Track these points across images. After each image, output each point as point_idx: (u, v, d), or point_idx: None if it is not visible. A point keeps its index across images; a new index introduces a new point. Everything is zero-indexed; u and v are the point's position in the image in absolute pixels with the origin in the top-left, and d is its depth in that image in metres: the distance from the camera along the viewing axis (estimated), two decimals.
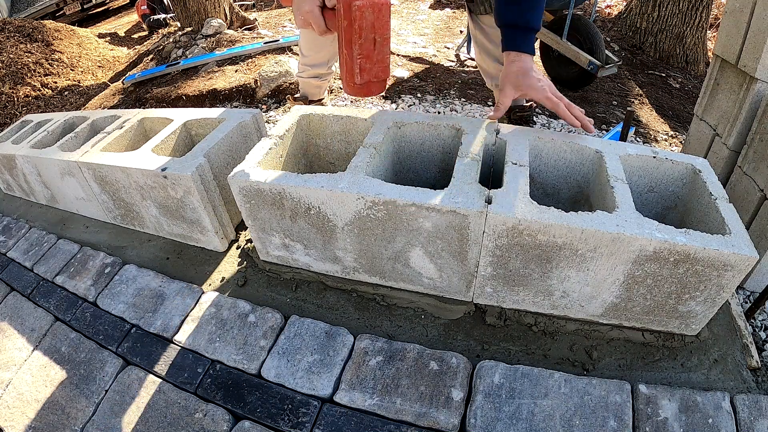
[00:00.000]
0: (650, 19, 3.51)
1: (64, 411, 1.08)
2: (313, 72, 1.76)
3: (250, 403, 1.00)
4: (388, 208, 0.98)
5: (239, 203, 1.15)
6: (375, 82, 1.06)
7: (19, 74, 3.99)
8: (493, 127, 1.18)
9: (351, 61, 1.00)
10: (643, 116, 2.66)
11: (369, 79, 1.04)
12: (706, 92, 1.61)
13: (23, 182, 1.79)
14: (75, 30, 4.92)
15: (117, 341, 1.18)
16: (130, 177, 1.32)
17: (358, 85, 1.03)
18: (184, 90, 2.97)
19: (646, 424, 0.87)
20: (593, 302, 1.01)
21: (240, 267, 1.34)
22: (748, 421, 0.88)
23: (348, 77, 1.04)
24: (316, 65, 1.73)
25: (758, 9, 1.29)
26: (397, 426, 0.92)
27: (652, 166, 1.10)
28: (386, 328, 1.13)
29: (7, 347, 1.26)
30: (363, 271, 1.17)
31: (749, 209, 1.33)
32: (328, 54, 1.70)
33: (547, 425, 0.88)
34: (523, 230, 0.91)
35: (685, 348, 1.03)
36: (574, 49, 2.51)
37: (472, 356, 1.05)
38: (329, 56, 1.72)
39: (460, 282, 1.08)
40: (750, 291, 1.39)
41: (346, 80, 1.06)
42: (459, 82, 2.80)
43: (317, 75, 1.76)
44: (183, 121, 1.50)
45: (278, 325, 1.12)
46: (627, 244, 0.87)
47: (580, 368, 1.02)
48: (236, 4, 4.35)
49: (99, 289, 1.33)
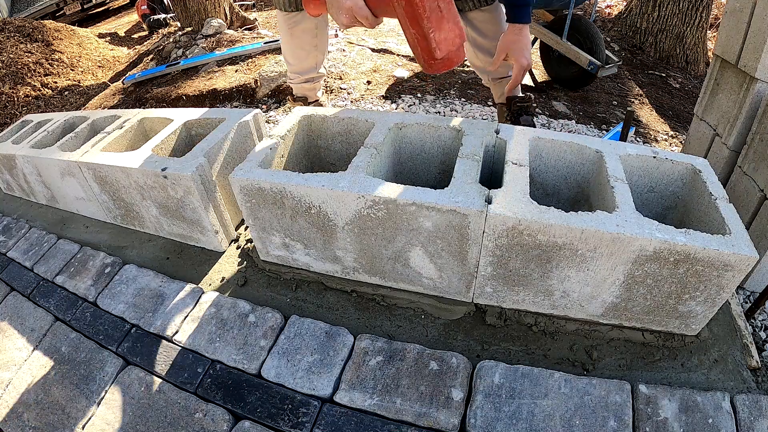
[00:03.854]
0: (650, 19, 3.51)
1: (64, 411, 1.08)
2: (302, 78, 1.74)
3: (250, 403, 1.00)
4: (388, 208, 0.98)
5: (240, 202, 1.15)
6: (454, 51, 1.00)
7: (19, 74, 3.99)
8: (493, 127, 1.18)
9: (424, 38, 0.94)
10: (643, 116, 2.66)
11: (449, 50, 0.98)
12: (706, 92, 1.61)
13: (23, 182, 1.79)
14: (75, 30, 4.92)
15: (117, 341, 1.18)
16: (130, 177, 1.32)
17: (440, 61, 0.98)
18: (184, 90, 2.96)
19: (646, 424, 0.87)
20: (593, 302, 1.01)
21: (240, 267, 1.34)
22: (748, 421, 0.88)
23: (426, 56, 0.98)
24: (304, 72, 1.72)
25: (758, 9, 1.29)
26: (397, 426, 0.92)
27: (652, 166, 1.10)
28: (386, 328, 1.13)
29: (7, 347, 1.26)
30: (363, 271, 1.17)
31: (749, 209, 1.33)
32: (314, 60, 1.69)
33: (547, 425, 0.88)
34: (523, 230, 0.91)
35: (685, 348, 1.03)
36: (575, 49, 2.51)
37: (472, 356, 1.05)
38: (315, 61, 1.70)
39: (460, 282, 1.08)
40: (750, 291, 1.39)
41: (426, 60, 0.99)
42: (459, 82, 2.80)
43: (308, 80, 1.75)
44: (183, 121, 1.50)
45: (278, 325, 1.12)
46: (627, 244, 0.87)
47: (580, 368, 1.02)
48: (236, 4, 4.35)
49: (99, 289, 1.33)
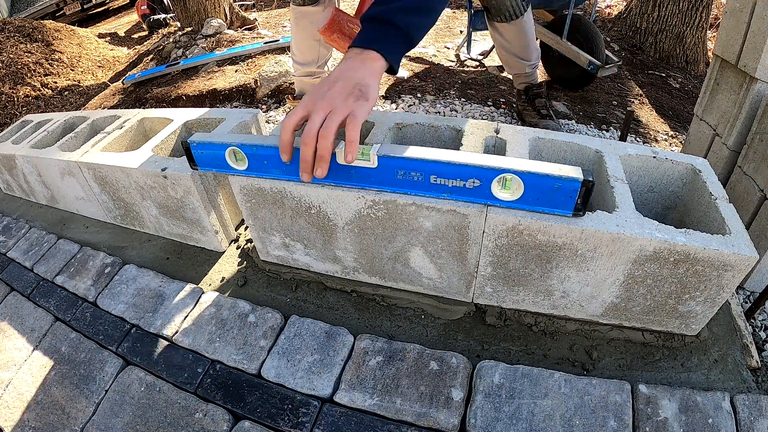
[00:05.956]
0: (650, 19, 3.51)
1: (64, 411, 1.08)
2: (303, 71, 1.83)
3: (250, 403, 1.00)
4: (388, 207, 0.98)
5: (240, 202, 1.15)
6: None
7: (19, 74, 3.99)
8: (493, 127, 1.18)
9: None
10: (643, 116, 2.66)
11: None
12: (706, 92, 1.61)
13: (23, 182, 1.79)
14: (75, 30, 4.92)
15: (117, 341, 1.18)
16: (130, 177, 1.32)
17: None
18: (184, 90, 2.96)
19: (646, 424, 0.87)
20: (593, 302, 1.01)
21: (240, 267, 1.34)
22: (748, 421, 0.88)
23: None
24: (305, 64, 1.82)
25: (758, 9, 1.29)
26: (397, 426, 0.92)
27: (652, 166, 1.10)
28: (386, 328, 1.13)
29: (7, 347, 1.26)
30: (363, 271, 1.17)
31: (749, 209, 1.33)
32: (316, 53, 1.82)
33: (547, 425, 0.88)
34: (523, 230, 0.91)
35: (685, 348, 1.03)
36: (574, 49, 2.51)
37: (472, 356, 1.05)
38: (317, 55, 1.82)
39: (460, 282, 1.08)
40: (750, 291, 1.39)
41: None
42: (459, 82, 2.80)
43: (309, 73, 1.84)
44: (183, 121, 1.50)
45: (278, 325, 1.12)
46: (627, 244, 0.87)
47: (580, 368, 1.02)
48: (236, 4, 4.35)
49: (99, 289, 1.33)
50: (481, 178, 0.80)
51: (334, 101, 0.73)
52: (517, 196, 0.83)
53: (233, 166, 0.97)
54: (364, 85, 0.76)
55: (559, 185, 0.76)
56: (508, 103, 2.52)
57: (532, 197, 0.82)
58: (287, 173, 0.95)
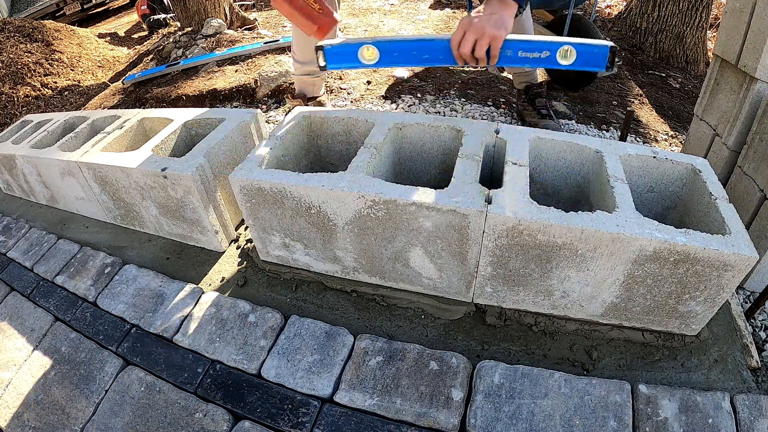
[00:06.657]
0: (650, 19, 3.51)
1: (64, 411, 1.08)
2: (303, 69, 1.85)
3: (250, 403, 1.00)
4: (388, 208, 0.98)
5: (240, 202, 1.15)
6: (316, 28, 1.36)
7: (19, 74, 3.99)
8: (493, 127, 1.18)
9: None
10: (643, 116, 2.66)
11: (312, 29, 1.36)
12: (706, 92, 1.61)
13: (23, 182, 1.79)
14: (75, 30, 4.92)
15: (117, 341, 1.18)
16: (130, 177, 1.32)
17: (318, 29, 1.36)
18: (184, 90, 2.96)
19: (646, 424, 0.87)
20: (593, 302, 1.01)
21: (240, 267, 1.34)
22: (748, 421, 0.88)
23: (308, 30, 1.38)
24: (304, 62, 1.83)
25: (758, 9, 1.29)
26: (397, 426, 0.92)
27: (652, 166, 1.10)
28: (386, 328, 1.13)
29: (7, 347, 1.26)
30: (363, 271, 1.17)
31: (749, 209, 1.33)
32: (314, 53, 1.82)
33: (547, 425, 0.88)
34: (523, 230, 0.91)
35: (685, 348, 1.03)
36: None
37: (472, 356, 1.05)
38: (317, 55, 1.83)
39: (460, 282, 1.08)
40: (750, 291, 1.39)
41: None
42: (459, 82, 2.80)
43: (308, 72, 1.86)
44: (183, 121, 1.50)
45: (278, 325, 1.12)
46: (627, 244, 0.87)
47: (580, 368, 1.02)
48: (236, 4, 4.35)
49: (99, 289, 1.33)
50: (550, 49, 1.08)
51: (485, 28, 1.04)
52: (571, 62, 1.09)
53: (363, 61, 1.18)
54: (505, 19, 1.07)
55: (597, 51, 1.06)
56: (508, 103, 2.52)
57: (581, 60, 1.08)
58: (416, 61, 1.17)
